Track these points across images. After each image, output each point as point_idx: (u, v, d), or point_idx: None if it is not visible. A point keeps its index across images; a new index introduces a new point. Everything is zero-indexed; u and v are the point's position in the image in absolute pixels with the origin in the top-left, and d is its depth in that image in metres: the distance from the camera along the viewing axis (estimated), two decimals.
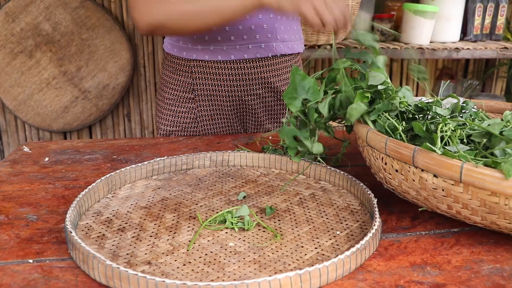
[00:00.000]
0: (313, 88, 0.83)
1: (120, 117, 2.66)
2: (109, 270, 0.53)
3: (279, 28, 1.19)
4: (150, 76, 2.60)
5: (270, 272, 0.57)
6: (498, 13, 2.46)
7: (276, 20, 1.18)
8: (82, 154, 1.01)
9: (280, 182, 0.86)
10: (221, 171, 0.91)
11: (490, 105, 1.01)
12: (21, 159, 0.97)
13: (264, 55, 1.19)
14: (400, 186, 0.68)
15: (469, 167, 0.56)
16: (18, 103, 2.46)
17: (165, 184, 0.84)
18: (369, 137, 0.71)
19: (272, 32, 1.18)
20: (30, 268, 0.58)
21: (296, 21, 1.26)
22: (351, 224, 0.70)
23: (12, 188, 0.83)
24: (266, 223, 0.70)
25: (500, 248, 0.64)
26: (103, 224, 0.69)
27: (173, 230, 0.68)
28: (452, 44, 2.34)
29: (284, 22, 1.20)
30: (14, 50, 2.37)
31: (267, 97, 1.24)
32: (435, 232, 0.68)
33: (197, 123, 1.24)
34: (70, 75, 2.45)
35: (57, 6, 2.34)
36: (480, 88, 2.92)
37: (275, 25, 1.18)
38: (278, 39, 1.20)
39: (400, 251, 0.62)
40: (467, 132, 0.69)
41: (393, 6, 2.39)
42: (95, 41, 2.42)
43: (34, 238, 0.66)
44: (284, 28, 1.21)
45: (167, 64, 1.27)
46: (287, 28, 1.22)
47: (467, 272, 0.58)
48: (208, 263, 0.59)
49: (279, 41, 1.20)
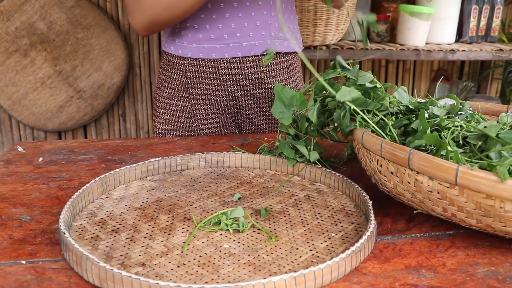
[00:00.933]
0: (300, 99, 0.84)
1: (115, 117, 2.65)
2: (103, 272, 0.53)
3: (273, 25, 1.19)
4: (145, 76, 2.59)
5: (264, 275, 0.57)
6: (493, 15, 2.47)
7: (269, 16, 1.17)
8: (76, 154, 1.00)
9: (275, 184, 0.85)
10: (216, 172, 0.91)
11: (486, 107, 1.01)
12: (14, 159, 0.97)
13: (259, 53, 1.19)
14: (395, 189, 0.68)
15: (465, 170, 0.56)
16: (12, 102, 2.45)
17: (159, 185, 0.84)
18: (364, 139, 0.70)
19: (265, 29, 1.18)
20: (23, 269, 0.58)
21: (293, 21, 1.26)
22: (346, 226, 0.69)
23: (6, 188, 0.82)
24: (261, 224, 0.70)
25: (495, 250, 0.63)
26: (97, 225, 0.69)
27: (167, 232, 0.67)
28: (448, 45, 2.35)
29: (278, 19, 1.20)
30: (8, 49, 2.36)
31: (261, 98, 1.24)
32: (430, 235, 0.68)
33: (191, 122, 1.23)
34: (65, 74, 2.44)
35: (52, 5, 2.33)
36: (475, 90, 2.93)
37: (269, 21, 1.18)
38: (273, 36, 1.19)
39: (395, 254, 0.62)
40: (463, 134, 0.69)
41: (389, 7, 2.40)
42: (90, 40, 2.41)
43: (27, 239, 0.65)
44: (279, 26, 1.20)
45: (163, 62, 1.27)
46: None
47: (462, 275, 0.58)
48: (203, 265, 0.59)
49: (274, 39, 1.20)
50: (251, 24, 1.16)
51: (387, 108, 0.77)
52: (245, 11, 1.15)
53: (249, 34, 1.17)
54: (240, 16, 1.15)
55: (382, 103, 0.76)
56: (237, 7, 1.14)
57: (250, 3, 1.15)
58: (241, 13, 1.15)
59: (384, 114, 0.77)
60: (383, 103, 0.76)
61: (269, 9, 1.17)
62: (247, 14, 1.15)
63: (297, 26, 1.29)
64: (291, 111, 0.85)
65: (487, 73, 2.86)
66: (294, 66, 1.28)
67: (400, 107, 0.79)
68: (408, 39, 2.23)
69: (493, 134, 0.65)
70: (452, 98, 0.82)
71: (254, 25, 1.17)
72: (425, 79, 2.90)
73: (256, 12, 1.16)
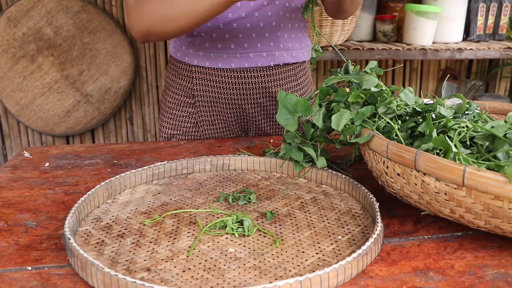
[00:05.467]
0: (304, 105, 0.84)
1: (122, 120, 2.66)
2: (107, 278, 0.53)
3: (282, 36, 1.16)
4: (152, 79, 2.60)
5: (270, 279, 0.57)
6: (501, 13, 2.45)
7: (279, 28, 1.14)
8: (82, 159, 1.00)
9: (281, 186, 0.85)
10: (221, 175, 0.90)
11: (494, 106, 1.00)
12: (21, 164, 0.97)
13: (266, 64, 1.17)
14: (402, 190, 0.67)
15: (472, 171, 0.55)
16: (20, 108, 2.46)
17: (165, 189, 0.84)
18: (370, 141, 0.70)
19: (274, 41, 1.15)
20: (29, 276, 0.58)
21: (302, 29, 1.23)
22: (353, 229, 0.69)
23: (12, 194, 0.82)
24: (267, 228, 0.69)
25: (504, 252, 0.63)
26: (102, 230, 0.69)
27: (173, 236, 0.67)
28: (455, 44, 2.33)
29: (288, 30, 1.17)
30: (16, 55, 2.38)
31: (268, 106, 1.22)
32: (438, 237, 0.67)
33: (197, 128, 1.23)
34: (72, 79, 2.45)
35: (58, 10, 2.34)
36: (483, 89, 2.91)
37: (278, 33, 1.15)
38: (281, 48, 1.17)
39: (402, 256, 0.62)
40: (470, 134, 0.68)
41: (395, 7, 2.38)
42: (96, 45, 2.42)
43: (33, 244, 0.65)
44: (288, 37, 1.17)
45: (170, 67, 1.26)
46: (292, 37, 1.18)
47: (470, 277, 0.57)
48: (208, 270, 0.59)
49: (282, 50, 1.17)
50: (259, 35, 1.13)
51: (394, 111, 0.76)
52: (253, 22, 1.12)
53: (257, 45, 1.14)
54: (248, 26, 1.11)
55: (389, 106, 0.76)
56: (245, 17, 1.11)
57: (259, 14, 1.12)
58: (249, 24, 1.11)
59: (390, 117, 0.76)
60: (390, 106, 0.76)
61: (278, 20, 1.14)
62: (256, 24, 1.12)
63: (307, 34, 1.27)
64: (295, 117, 0.85)
65: (495, 72, 2.84)
66: (302, 73, 1.26)
67: (407, 109, 0.78)
68: (415, 39, 2.22)
69: (501, 134, 0.64)
70: (459, 98, 0.81)
71: (263, 36, 1.14)
72: (432, 79, 2.88)
73: (265, 23, 1.12)
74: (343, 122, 0.74)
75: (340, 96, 0.81)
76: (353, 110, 0.76)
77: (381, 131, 0.74)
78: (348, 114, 0.74)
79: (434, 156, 0.59)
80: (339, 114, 0.75)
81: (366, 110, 0.75)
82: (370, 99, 0.77)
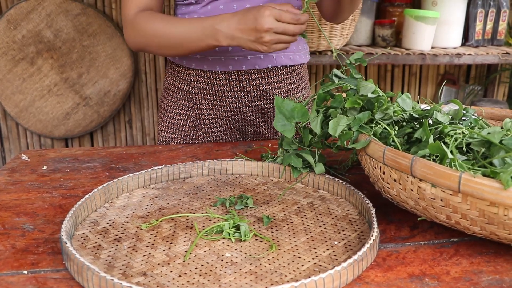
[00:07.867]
0: (301, 111, 0.84)
1: (121, 123, 2.66)
2: (103, 282, 0.53)
3: None
4: (151, 82, 2.60)
5: (266, 284, 0.57)
6: (499, 18, 2.45)
7: None
8: (80, 162, 1.00)
9: (278, 191, 0.85)
10: (219, 179, 0.91)
11: (491, 112, 1.00)
12: (19, 167, 0.97)
13: (264, 66, 1.17)
14: (398, 196, 0.68)
15: (468, 177, 0.55)
16: (19, 110, 2.46)
17: (162, 193, 0.84)
18: (367, 146, 0.70)
19: None
20: (25, 280, 0.58)
21: None
22: (349, 234, 0.69)
23: (10, 197, 0.82)
24: (264, 233, 0.70)
25: (500, 258, 0.63)
26: (99, 234, 0.69)
27: (169, 240, 0.67)
28: (454, 49, 2.34)
29: None
30: (15, 57, 2.38)
31: (266, 109, 1.23)
32: (434, 242, 0.67)
33: (196, 131, 1.23)
34: (71, 81, 2.45)
35: (58, 13, 2.34)
36: (482, 94, 2.91)
37: None
38: None
39: (398, 262, 0.62)
40: (467, 141, 0.69)
41: (394, 12, 2.39)
42: (96, 47, 2.42)
43: (30, 248, 0.65)
44: None
45: (168, 70, 1.27)
46: None
47: (466, 284, 0.57)
48: (204, 274, 0.59)
49: (279, 52, 1.18)
50: None
51: (390, 117, 0.76)
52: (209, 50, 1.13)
53: None
54: None
55: (386, 112, 0.76)
56: None
57: None
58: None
59: (387, 123, 0.76)
60: (387, 112, 0.76)
61: None
62: None
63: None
64: (293, 123, 0.85)
65: (494, 77, 2.84)
66: (300, 76, 1.27)
67: (404, 115, 0.78)
68: (414, 44, 2.22)
69: (497, 140, 0.64)
70: (456, 103, 0.81)
71: None
72: (431, 83, 2.88)
73: None
74: (340, 128, 0.75)
75: (337, 102, 0.81)
76: (350, 116, 0.76)
77: (378, 137, 0.74)
78: (345, 120, 0.75)
79: (430, 162, 0.59)
80: (336, 120, 0.75)
81: (363, 116, 0.75)
82: (367, 105, 0.77)
